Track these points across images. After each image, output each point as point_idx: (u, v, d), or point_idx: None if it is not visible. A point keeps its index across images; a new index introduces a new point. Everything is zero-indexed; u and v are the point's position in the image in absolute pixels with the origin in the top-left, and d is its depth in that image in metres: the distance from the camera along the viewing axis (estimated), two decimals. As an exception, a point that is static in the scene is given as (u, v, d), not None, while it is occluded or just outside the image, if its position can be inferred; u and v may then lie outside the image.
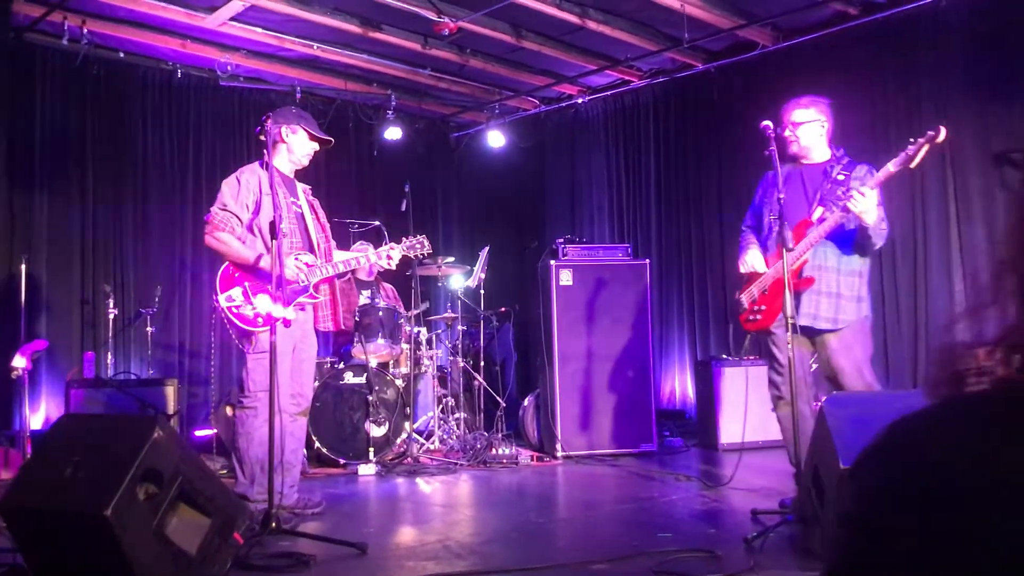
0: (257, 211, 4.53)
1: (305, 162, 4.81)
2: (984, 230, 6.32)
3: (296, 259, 4.56)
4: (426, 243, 5.05)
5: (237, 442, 4.47)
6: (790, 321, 4.11)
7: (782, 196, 4.22)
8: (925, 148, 4.06)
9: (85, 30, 6.90)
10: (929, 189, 6.59)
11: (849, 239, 4.32)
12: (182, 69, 7.93)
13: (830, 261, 4.34)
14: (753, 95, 7.72)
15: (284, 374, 4.47)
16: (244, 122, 8.45)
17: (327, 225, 4.92)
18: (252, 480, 4.43)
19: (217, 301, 4.55)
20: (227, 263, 4.57)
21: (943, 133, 4.08)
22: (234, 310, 4.48)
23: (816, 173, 4.51)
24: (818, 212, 4.36)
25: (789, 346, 4.14)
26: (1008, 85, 6.18)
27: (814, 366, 4.69)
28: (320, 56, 7.79)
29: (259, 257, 4.47)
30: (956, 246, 6.48)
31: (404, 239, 5.07)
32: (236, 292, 4.51)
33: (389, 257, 4.93)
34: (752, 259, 4.59)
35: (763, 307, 4.51)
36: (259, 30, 7.25)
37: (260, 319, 4.44)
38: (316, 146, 4.81)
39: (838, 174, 4.40)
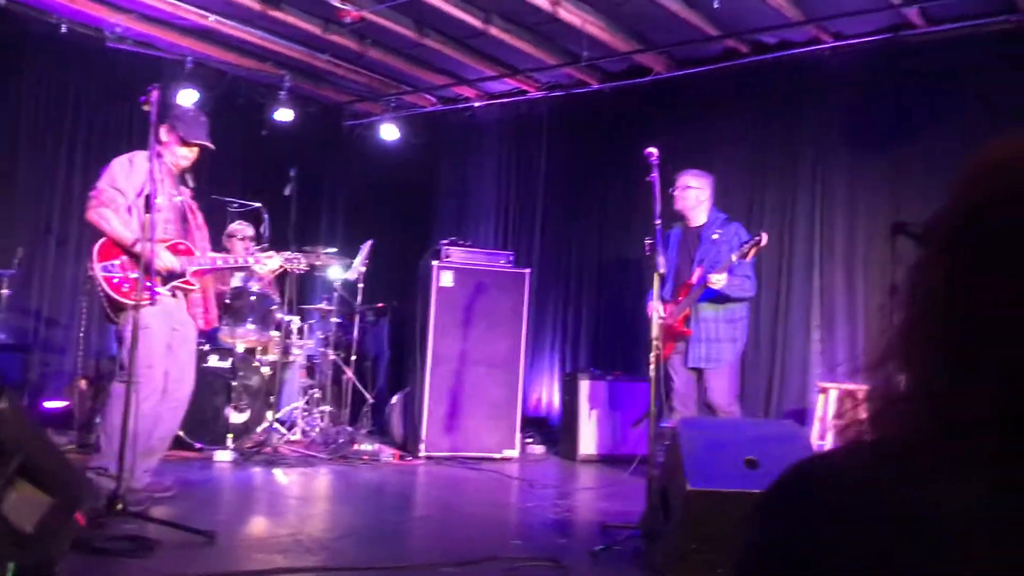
0: (140, 194, 4.43)
1: (183, 164, 4.74)
2: (843, 276, 6.68)
3: (167, 248, 4.49)
4: (304, 261, 5.12)
5: (110, 413, 4.30)
6: (655, 342, 4.29)
7: (658, 222, 4.40)
8: (753, 249, 5.13)
9: (-37, -29, 6.53)
10: (797, 232, 6.91)
11: (715, 293, 5.25)
12: (68, 24, 7.58)
13: (709, 312, 5.35)
14: (644, 118, 7.94)
15: (160, 354, 4.40)
16: (129, 87, 8.05)
17: (204, 226, 4.87)
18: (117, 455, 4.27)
19: (94, 270, 4.39)
20: (105, 238, 4.46)
21: (764, 239, 5.18)
22: (111, 281, 4.35)
23: (695, 236, 5.50)
24: (697, 274, 5.34)
25: (651, 367, 4.31)
26: (881, 138, 6.55)
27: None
28: (215, 28, 7.57)
29: (137, 240, 4.36)
30: (816, 284, 6.82)
31: (287, 252, 5.08)
32: (114, 264, 4.41)
33: (262, 262, 4.90)
34: (651, 307, 5.20)
35: (661, 345, 5.13)
36: (153, -6, 7.01)
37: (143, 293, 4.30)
38: (191, 151, 4.73)
39: (713, 234, 5.39)
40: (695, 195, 5.47)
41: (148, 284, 4.17)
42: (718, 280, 5.13)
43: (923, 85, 6.39)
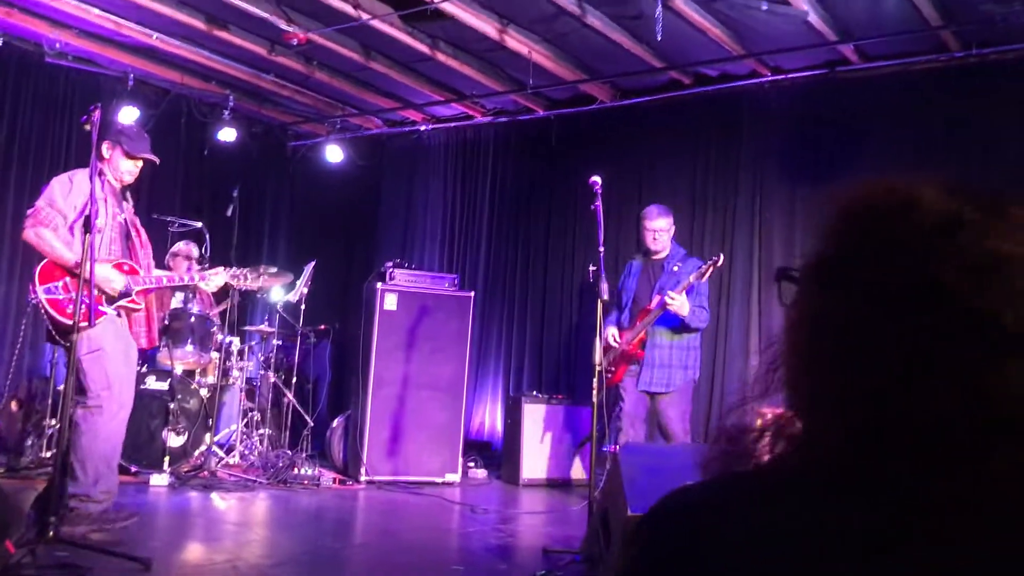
0: (81, 214, 4.33)
1: (127, 179, 4.67)
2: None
3: (113, 268, 4.40)
4: (251, 277, 5.01)
5: (80, 441, 4.19)
6: (598, 368, 4.34)
7: (602, 249, 4.47)
8: (710, 269, 5.44)
9: (-103, -19, 6.37)
10: (737, 258, 7.04)
11: (675, 321, 5.49)
12: (4, 39, 7.44)
13: (663, 338, 5.55)
14: (588, 146, 8.05)
15: (123, 373, 4.36)
16: (68, 104, 8.00)
17: (148, 244, 4.79)
18: (96, 480, 4.22)
19: (36, 295, 4.28)
20: (47, 260, 4.33)
21: (721, 259, 5.51)
22: (55, 303, 4.24)
23: (658, 267, 5.74)
24: (655, 300, 5.53)
25: (594, 392, 4.36)
26: (815, 169, 6.73)
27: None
28: (158, 46, 7.49)
29: (78, 261, 4.24)
30: (755, 311, 6.96)
31: (233, 268, 5.02)
32: (57, 286, 4.28)
33: (205, 278, 4.85)
34: (609, 333, 5.67)
35: (613, 368, 5.65)
36: (96, 11, 6.91)
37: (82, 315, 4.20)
38: (136, 164, 4.66)
39: (674, 266, 5.65)
40: (668, 235, 5.73)
41: (93, 304, 4.10)
42: (676, 298, 5.30)
43: (858, 119, 6.59)
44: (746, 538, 0.70)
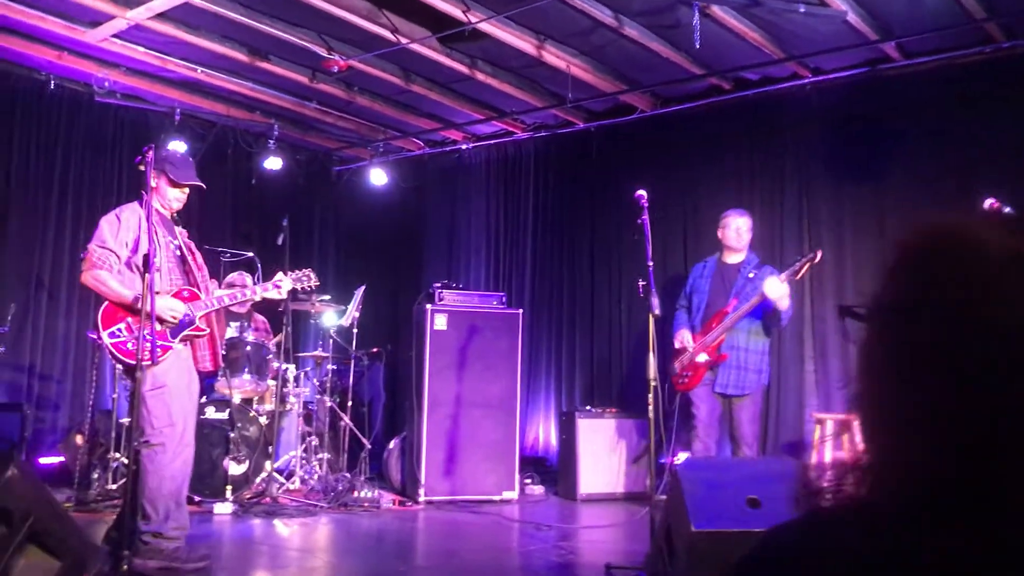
0: (135, 249, 4.41)
1: (176, 206, 4.70)
2: (833, 308, 6.74)
3: (173, 297, 4.47)
4: (313, 276, 5.07)
5: (147, 480, 4.22)
6: (652, 384, 4.33)
7: (651, 264, 4.46)
8: (807, 266, 5.46)
9: (-47, 32, 6.59)
10: (788, 258, 6.95)
11: (756, 320, 5.58)
12: (56, 80, 7.65)
13: (740, 342, 5.60)
14: (630, 156, 8.05)
15: (188, 409, 4.40)
16: (118, 141, 8.20)
17: (204, 266, 4.84)
18: (166, 517, 4.26)
19: (100, 338, 4.36)
20: (108, 302, 4.37)
21: (819, 256, 5.53)
22: (120, 347, 4.29)
23: (733, 271, 5.81)
24: (733, 304, 5.63)
25: (649, 400, 4.34)
26: (865, 170, 6.65)
27: None
28: (203, 80, 7.66)
29: (137, 297, 4.32)
30: (808, 316, 6.88)
31: (292, 271, 5.06)
32: (120, 328, 4.33)
33: (278, 286, 4.89)
34: (683, 337, 5.78)
35: (688, 374, 5.70)
36: (141, 49, 7.08)
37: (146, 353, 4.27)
38: (183, 192, 4.70)
39: (750, 273, 5.71)
40: (748, 236, 5.84)
41: (154, 342, 4.17)
42: (781, 285, 5.33)
43: (903, 117, 6.51)
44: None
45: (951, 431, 0.71)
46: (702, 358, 5.64)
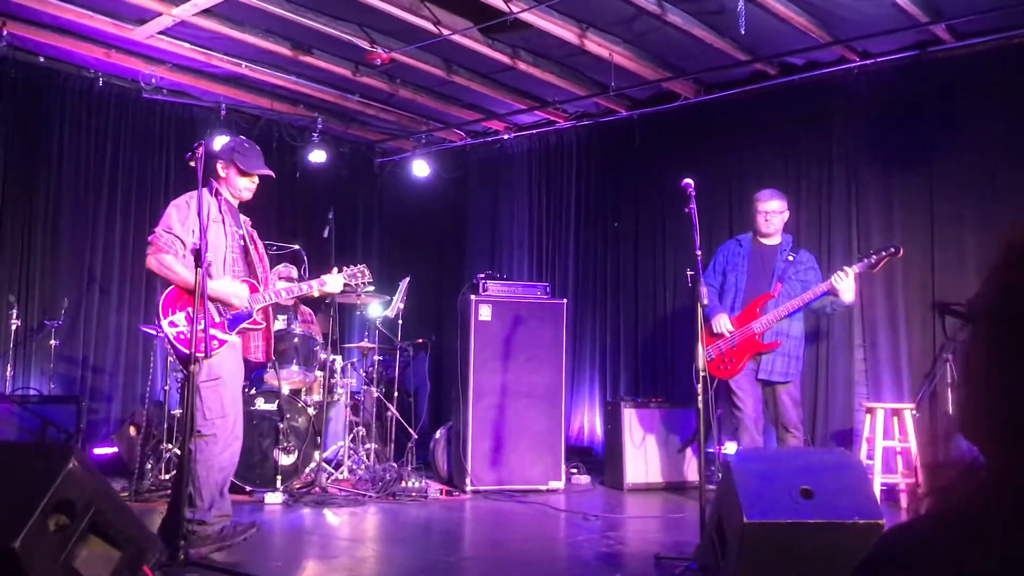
0: (203, 238, 4.46)
1: (246, 196, 4.76)
2: (883, 293, 6.64)
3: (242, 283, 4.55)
4: (367, 272, 5.10)
5: (196, 470, 4.30)
6: (702, 374, 4.30)
7: (699, 253, 4.43)
8: (885, 260, 5.32)
9: (5, 31, 6.71)
10: (835, 251, 6.89)
11: (798, 310, 5.55)
12: (104, 78, 7.77)
13: (784, 328, 5.56)
14: (673, 143, 7.99)
15: (232, 401, 4.45)
16: (166, 136, 8.31)
17: (265, 258, 4.89)
18: (211, 506, 4.35)
19: (160, 327, 4.41)
20: (171, 288, 4.41)
21: (901, 252, 5.34)
22: (180, 336, 4.34)
23: (772, 253, 5.75)
24: (778, 288, 5.60)
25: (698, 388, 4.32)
26: (914, 154, 6.54)
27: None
28: (247, 74, 7.73)
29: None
30: (857, 303, 6.78)
31: (347, 268, 5.09)
32: (180, 317, 4.37)
33: (324, 284, 4.92)
34: (722, 322, 5.66)
35: (731, 360, 5.61)
36: (187, 45, 7.17)
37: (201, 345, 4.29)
38: (252, 181, 4.76)
39: (788, 255, 5.70)
40: (781, 218, 5.77)
41: (215, 332, 4.24)
42: (848, 279, 5.26)
43: (953, 100, 6.39)
44: None
45: None
46: (746, 345, 5.57)
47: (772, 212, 5.71)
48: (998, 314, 0.77)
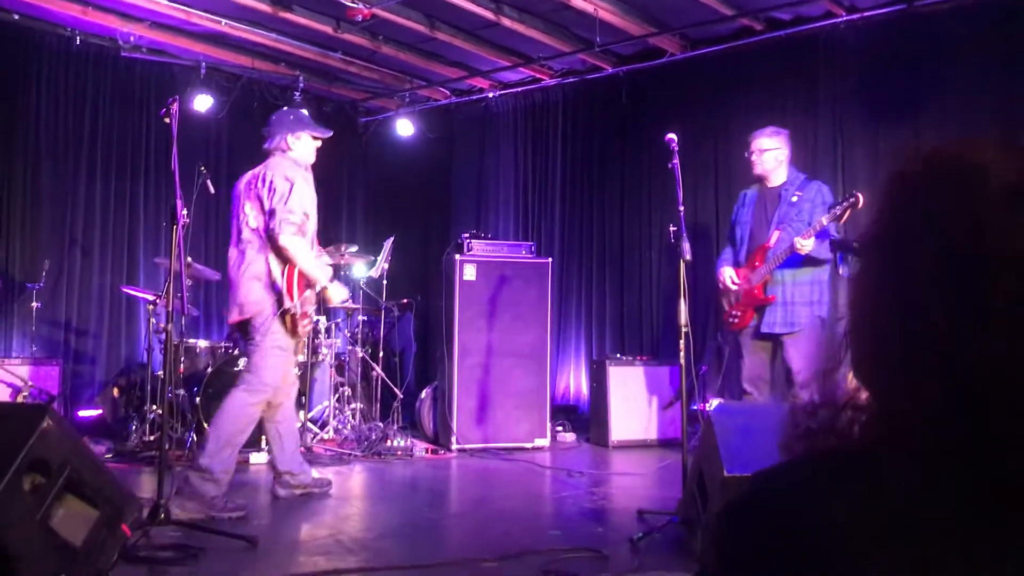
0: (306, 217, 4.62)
1: (312, 160, 4.81)
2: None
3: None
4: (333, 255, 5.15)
5: (223, 416, 4.44)
6: (684, 330, 4.28)
7: (682, 209, 4.39)
8: (848, 211, 4.88)
9: (-23, -12, 6.57)
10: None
11: (797, 260, 5.03)
12: (81, 36, 7.64)
13: (785, 277, 5.09)
14: (660, 100, 7.92)
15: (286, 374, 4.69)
16: (145, 95, 8.19)
17: None
18: (219, 455, 4.37)
19: (292, 303, 4.47)
20: (292, 266, 4.51)
21: (861, 201, 4.87)
22: (294, 319, 4.49)
23: (774, 196, 5.27)
24: (775, 236, 5.13)
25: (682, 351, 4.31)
26: (901, 110, 6.49)
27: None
28: (227, 32, 7.60)
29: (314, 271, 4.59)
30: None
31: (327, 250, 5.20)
32: (308, 295, 4.59)
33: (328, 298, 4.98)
34: (725, 275, 5.30)
35: (738, 313, 5.25)
36: (165, 2, 7.03)
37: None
38: (319, 144, 4.84)
39: (792, 196, 5.16)
40: (773, 156, 5.25)
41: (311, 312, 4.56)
42: (805, 245, 4.87)
43: (940, 54, 6.32)
44: (826, 524, 0.69)
45: (949, 369, 0.67)
46: (748, 299, 5.18)
47: (760, 151, 5.24)
48: (881, 245, 0.75)
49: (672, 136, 4.46)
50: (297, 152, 4.72)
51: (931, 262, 0.70)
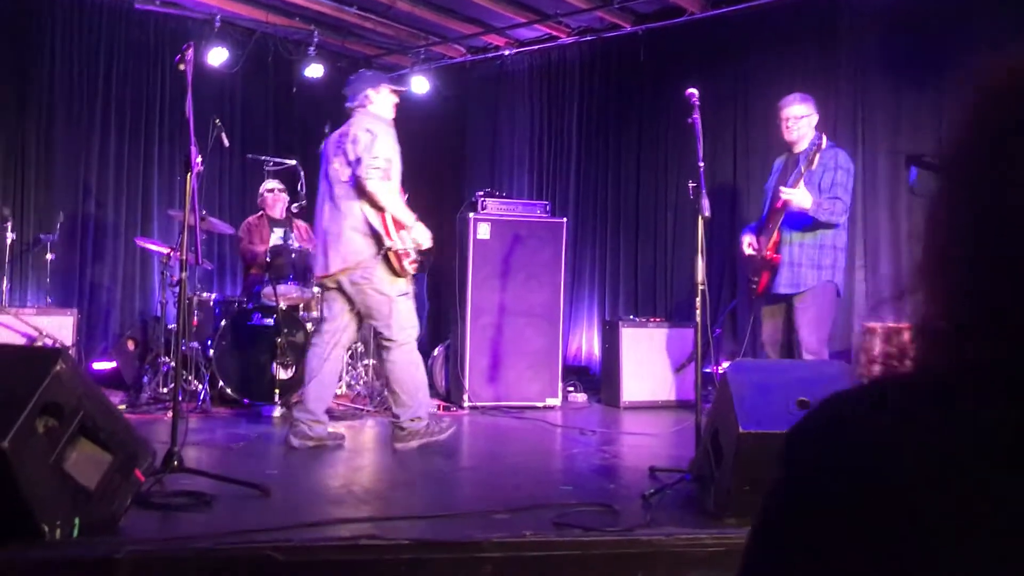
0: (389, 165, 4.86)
1: (392, 115, 5.05)
2: (887, 214, 6.56)
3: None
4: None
5: (399, 374, 4.77)
6: (700, 287, 4.26)
7: (702, 164, 4.35)
8: (816, 155, 4.95)
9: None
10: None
11: (806, 220, 5.01)
12: (95, -12, 7.58)
13: (793, 237, 5.09)
14: (678, 60, 7.82)
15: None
16: (160, 48, 8.14)
17: None
18: (419, 401, 4.82)
19: (392, 242, 4.72)
20: (386, 212, 4.76)
21: (824, 140, 4.98)
22: (402, 251, 4.74)
23: (794, 162, 5.22)
24: (781, 201, 5.05)
25: (697, 312, 4.28)
26: (920, 73, 6.38)
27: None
28: (242, -15, 7.53)
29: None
30: (860, 224, 6.72)
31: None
32: (404, 235, 4.80)
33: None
34: (744, 241, 5.32)
35: (756, 279, 5.28)
36: (179, -47, 6.97)
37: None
38: (396, 99, 5.08)
39: (810, 160, 5.01)
40: (807, 122, 5.21)
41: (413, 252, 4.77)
42: (788, 191, 4.88)
43: (962, 16, 6.19)
44: (893, 449, 0.66)
45: None
46: (762, 263, 5.20)
47: (792, 118, 5.18)
48: (972, 164, 0.71)
49: (693, 91, 4.39)
50: (377, 106, 4.93)
51: (1017, 180, 0.65)
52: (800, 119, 5.20)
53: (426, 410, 4.87)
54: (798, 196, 4.89)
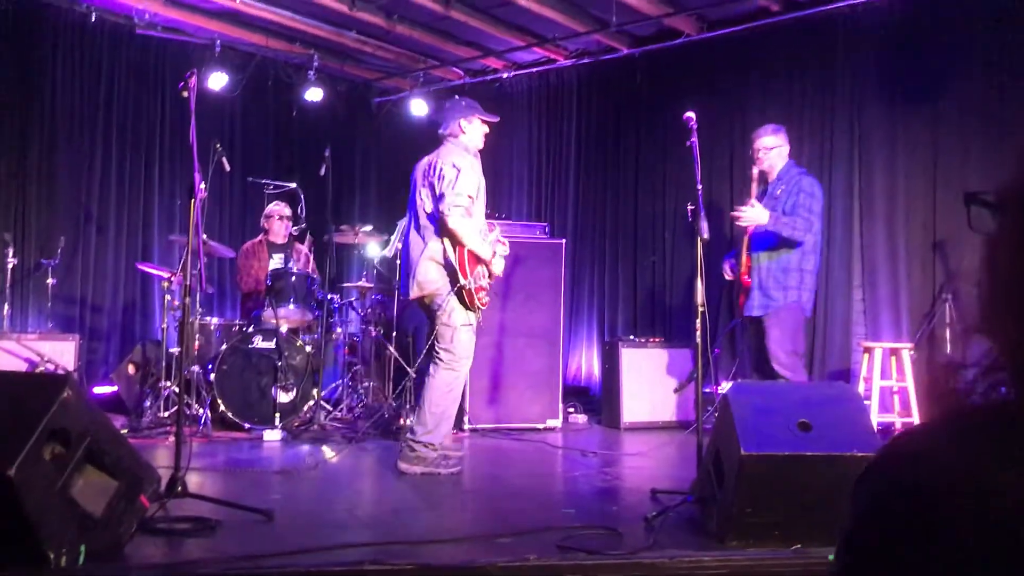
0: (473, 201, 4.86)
1: (480, 145, 5.02)
2: (885, 234, 6.60)
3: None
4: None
5: (433, 395, 4.82)
6: (700, 309, 4.28)
7: (700, 187, 4.39)
8: (756, 172, 5.40)
9: (-7, -36, 6.58)
10: (836, 190, 6.82)
11: (770, 240, 5.22)
12: (97, 13, 7.63)
13: (760, 261, 5.30)
14: (675, 82, 7.88)
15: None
16: (160, 73, 8.20)
17: None
18: (437, 427, 4.83)
19: (466, 280, 4.77)
20: (464, 248, 4.78)
21: (758, 146, 5.35)
22: (471, 294, 4.78)
23: (768, 191, 5.43)
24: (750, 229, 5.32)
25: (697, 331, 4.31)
26: (917, 91, 6.44)
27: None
28: (242, 10, 7.59)
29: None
30: (857, 243, 6.76)
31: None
32: (479, 272, 4.84)
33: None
34: (725, 268, 5.56)
35: (741, 301, 5.46)
36: (180, -22, 7.03)
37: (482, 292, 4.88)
38: (487, 129, 5.05)
39: (778, 189, 5.32)
40: (777, 153, 5.41)
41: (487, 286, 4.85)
42: (741, 211, 5.14)
43: (958, 34, 6.26)
44: (978, 489, 0.66)
45: None
46: (739, 287, 5.48)
47: (764, 148, 5.37)
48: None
49: (690, 115, 4.44)
50: (468, 137, 4.95)
51: None
52: (770, 150, 5.39)
53: (441, 441, 4.91)
54: (751, 213, 5.12)
